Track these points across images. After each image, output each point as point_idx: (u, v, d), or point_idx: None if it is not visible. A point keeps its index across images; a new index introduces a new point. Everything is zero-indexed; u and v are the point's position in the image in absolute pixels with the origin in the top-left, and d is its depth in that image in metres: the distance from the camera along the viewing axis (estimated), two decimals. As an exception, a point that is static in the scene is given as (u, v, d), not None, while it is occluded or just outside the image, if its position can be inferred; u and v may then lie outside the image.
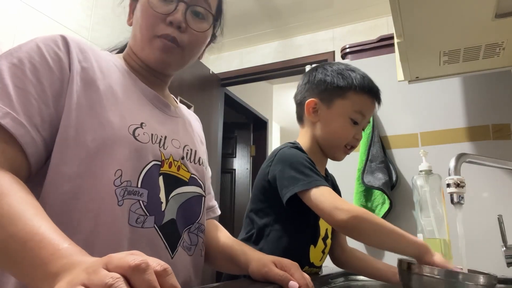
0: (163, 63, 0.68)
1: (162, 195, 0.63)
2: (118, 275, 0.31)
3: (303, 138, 0.93)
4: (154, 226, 0.61)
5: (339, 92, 0.87)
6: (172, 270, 0.64)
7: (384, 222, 0.73)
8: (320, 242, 0.90)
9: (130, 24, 0.73)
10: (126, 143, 0.59)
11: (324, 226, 0.92)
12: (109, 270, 0.32)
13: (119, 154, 0.57)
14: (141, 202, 0.59)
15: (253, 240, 0.88)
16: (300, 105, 0.94)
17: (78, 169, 0.55)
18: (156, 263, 0.34)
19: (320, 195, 0.76)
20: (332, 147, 0.90)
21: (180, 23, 0.66)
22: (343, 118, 0.86)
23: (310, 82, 0.92)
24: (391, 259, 0.81)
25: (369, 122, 0.93)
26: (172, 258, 0.63)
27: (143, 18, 0.67)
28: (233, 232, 2.66)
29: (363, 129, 0.92)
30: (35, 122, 0.52)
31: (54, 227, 0.43)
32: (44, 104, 0.54)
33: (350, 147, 0.90)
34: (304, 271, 0.62)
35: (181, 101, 2.51)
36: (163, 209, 0.63)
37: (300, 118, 0.95)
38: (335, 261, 1.00)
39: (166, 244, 0.63)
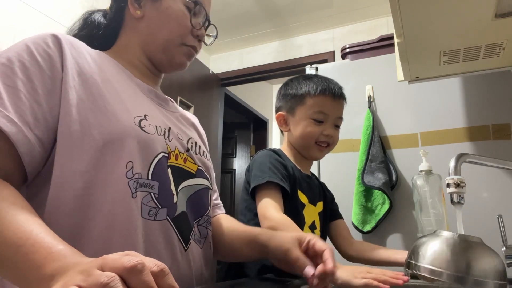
0: (182, 66, 0.73)
1: (173, 187, 0.63)
2: (113, 274, 0.31)
3: (284, 145, 1.07)
4: (167, 218, 0.60)
5: (298, 100, 1.00)
6: (186, 263, 0.64)
7: None
8: (306, 229, 0.94)
9: (139, 16, 0.70)
10: (134, 134, 0.58)
11: (310, 217, 0.96)
12: (104, 271, 0.32)
13: (128, 146, 0.56)
14: (152, 194, 0.58)
15: None
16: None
17: (88, 164, 0.54)
18: (153, 264, 0.33)
19: (262, 198, 0.87)
20: (305, 147, 1.01)
21: (203, 38, 0.74)
22: (305, 120, 0.98)
23: (278, 98, 1.08)
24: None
25: (342, 119, 1.02)
26: (185, 250, 0.63)
27: (175, 25, 0.70)
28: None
29: (338, 126, 1.01)
30: (27, 120, 0.51)
31: (47, 230, 0.42)
32: (36, 102, 0.53)
33: (326, 144, 0.99)
34: None
35: (181, 101, 2.51)
36: (175, 201, 0.62)
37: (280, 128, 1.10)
38: (345, 255, 1.03)
39: (179, 236, 0.62)
